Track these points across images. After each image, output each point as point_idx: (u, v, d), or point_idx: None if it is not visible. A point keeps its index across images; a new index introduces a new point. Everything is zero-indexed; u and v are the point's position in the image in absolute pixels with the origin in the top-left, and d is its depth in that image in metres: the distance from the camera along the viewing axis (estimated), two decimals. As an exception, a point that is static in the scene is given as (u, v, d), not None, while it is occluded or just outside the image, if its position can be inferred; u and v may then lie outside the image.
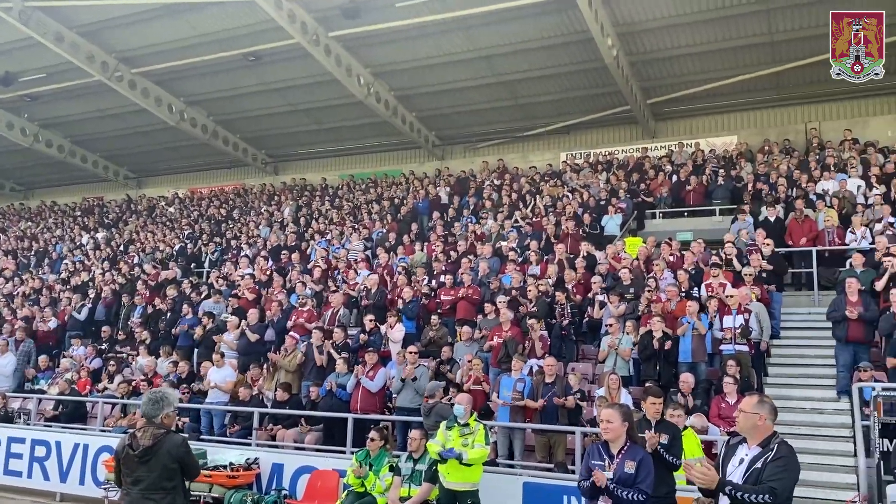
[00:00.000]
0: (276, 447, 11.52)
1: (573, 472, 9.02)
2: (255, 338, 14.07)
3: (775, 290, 13.00)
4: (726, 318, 11.24)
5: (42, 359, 16.40)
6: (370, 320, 13.37)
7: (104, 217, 29.48)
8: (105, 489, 10.93)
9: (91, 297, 18.79)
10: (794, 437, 9.79)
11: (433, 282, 15.21)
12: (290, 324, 14.12)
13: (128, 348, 16.43)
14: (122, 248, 24.21)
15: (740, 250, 13.84)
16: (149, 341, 15.68)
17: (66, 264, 23.06)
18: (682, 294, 12.38)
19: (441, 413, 9.43)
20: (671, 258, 14.21)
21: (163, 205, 29.49)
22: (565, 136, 24.71)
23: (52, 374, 15.82)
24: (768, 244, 13.67)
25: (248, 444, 11.53)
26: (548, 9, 18.74)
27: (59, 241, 26.65)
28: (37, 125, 28.92)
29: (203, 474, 10.14)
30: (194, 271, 21.04)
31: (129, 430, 6.07)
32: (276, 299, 15.32)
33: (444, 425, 8.48)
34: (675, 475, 6.65)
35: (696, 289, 12.84)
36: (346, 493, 9.01)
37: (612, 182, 19.87)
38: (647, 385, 9.38)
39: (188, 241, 23.17)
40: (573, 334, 12.77)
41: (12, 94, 25.70)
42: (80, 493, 11.89)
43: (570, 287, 13.47)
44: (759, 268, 12.88)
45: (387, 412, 11.74)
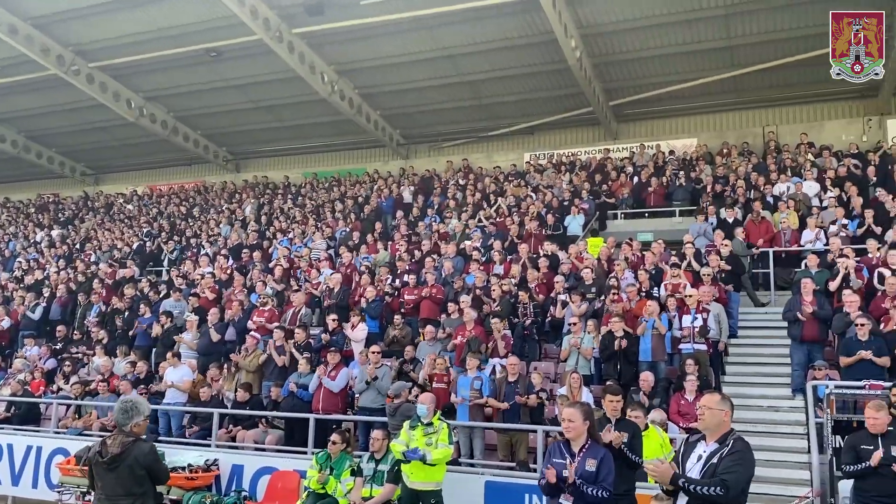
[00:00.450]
0: (236, 448, 11.38)
1: (535, 471, 9.07)
2: (215, 337, 13.89)
3: (733, 290, 13.24)
4: (685, 318, 11.41)
5: (-6, 359, 16.01)
6: (333, 320, 13.28)
7: (60, 214, 28.81)
8: (59, 493, 10.68)
9: (46, 295, 18.34)
10: (750, 434, 9.95)
11: (396, 281, 15.17)
12: (251, 323, 13.96)
13: (83, 348, 16.08)
14: (78, 246, 23.69)
15: (699, 251, 14.07)
16: (105, 341, 15.39)
17: (20, 262, 22.48)
18: (643, 294, 12.53)
19: (406, 413, 9.40)
20: (632, 258, 14.38)
21: (121, 202, 28.93)
22: (529, 137, 24.85)
23: (4, 375, 15.42)
24: (726, 245, 13.92)
25: (208, 446, 11.37)
26: (512, 9, 18.83)
27: (12, 239, 25.97)
28: (-11, 119, 28.18)
29: (161, 476, 9.98)
30: (153, 270, 20.69)
31: (102, 437, 6.23)
32: (236, 298, 15.13)
33: (407, 425, 8.47)
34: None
35: (656, 288, 13.01)
36: (306, 493, 8.93)
37: (575, 183, 20.04)
38: (607, 383, 9.47)
39: (147, 240, 22.77)
40: (536, 334, 12.84)
41: (-36, 88, 25.01)
42: (34, 497, 11.62)
43: (532, 287, 13.54)
44: (718, 268, 13.11)
45: (349, 412, 11.67)
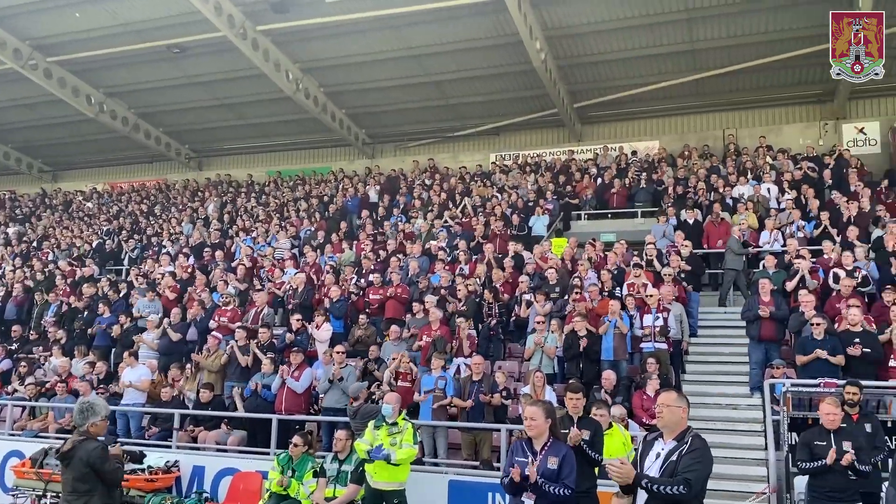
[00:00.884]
0: (197, 449, 11.25)
1: (499, 470, 9.12)
2: (176, 337, 13.72)
3: (693, 289, 13.46)
4: (646, 317, 11.57)
5: (-54, 360, 15.53)
6: (297, 320, 13.19)
7: (16, 211, 28.12)
8: (13, 496, 10.43)
9: (1, 294, 17.90)
10: (709, 432, 10.15)
11: (362, 281, 15.13)
12: (214, 323, 13.81)
13: (40, 348, 15.70)
14: (35, 244, 23.16)
15: (660, 251, 14.27)
16: (63, 341, 15.08)
17: (-26, 260, 21.91)
18: (605, 293, 12.68)
19: (368, 414, 9.38)
20: (595, 258, 14.53)
21: (80, 199, 28.36)
22: (495, 138, 24.96)
23: (-44, 377, 15.00)
24: (687, 246, 14.14)
25: (168, 447, 11.22)
26: (478, 10, 18.88)
27: (-35, 236, 25.29)
28: (-58, 113, 27.40)
29: (119, 478, 9.82)
30: (113, 269, 20.33)
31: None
32: (198, 298, 14.94)
33: (372, 424, 8.44)
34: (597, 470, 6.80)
35: (619, 288, 13.17)
36: (268, 495, 8.86)
37: (540, 183, 20.18)
38: (569, 382, 9.55)
39: (107, 238, 22.35)
40: (501, 333, 12.91)
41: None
42: (-13, 501, 11.32)
43: (498, 286, 13.61)
44: (678, 268, 13.32)
45: (313, 412, 11.61)
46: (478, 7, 18.66)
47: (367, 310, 13.95)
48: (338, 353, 11.43)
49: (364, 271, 15.49)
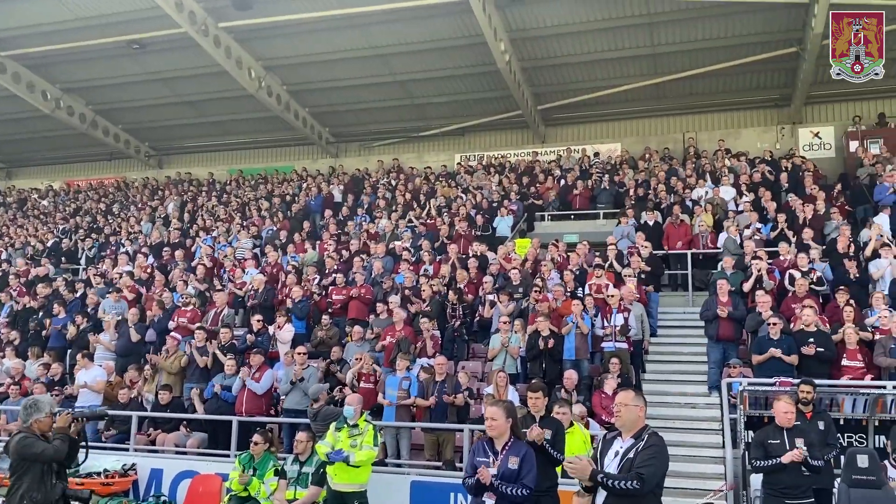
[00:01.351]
0: (155, 452, 11.06)
1: (461, 470, 9.13)
2: (135, 338, 13.48)
3: (653, 290, 13.64)
4: (608, 317, 11.68)
5: None
6: (258, 320, 13.05)
7: (-33, 209, 27.38)
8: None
9: (-49, 294, 17.39)
10: (669, 430, 10.31)
11: (324, 281, 15.03)
12: (173, 324, 13.59)
13: (-8, 350, 15.30)
14: (-13, 243, 22.57)
15: (621, 252, 14.44)
16: (17, 342, 14.69)
17: (-77, 259, 21.26)
18: (568, 294, 12.78)
19: (329, 416, 9.33)
20: (558, 259, 14.65)
21: (35, 197, 27.70)
22: (460, 138, 25.00)
23: None
24: (647, 247, 14.33)
25: (126, 450, 11.02)
26: (443, 11, 18.90)
27: (-86, 235, 24.51)
28: None
29: (74, 482, 9.62)
30: (69, 268, 19.90)
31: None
32: (157, 298, 14.69)
33: (333, 426, 8.41)
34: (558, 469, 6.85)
35: (581, 289, 13.29)
36: (228, 497, 8.76)
37: (504, 184, 20.28)
38: (532, 381, 9.61)
39: (63, 237, 21.87)
40: (465, 334, 12.93)
41: None
42: (-66, 507, 10.98)
43: (461, 287, 13.63)
44: (639, 269, 13.49)
45: (274, 414, 11.49)
46: (443, 7, 18.67)
47: (330, 310, 13.86)
48: (299, 354, 11.33)
49: (327, 271, 15.39)
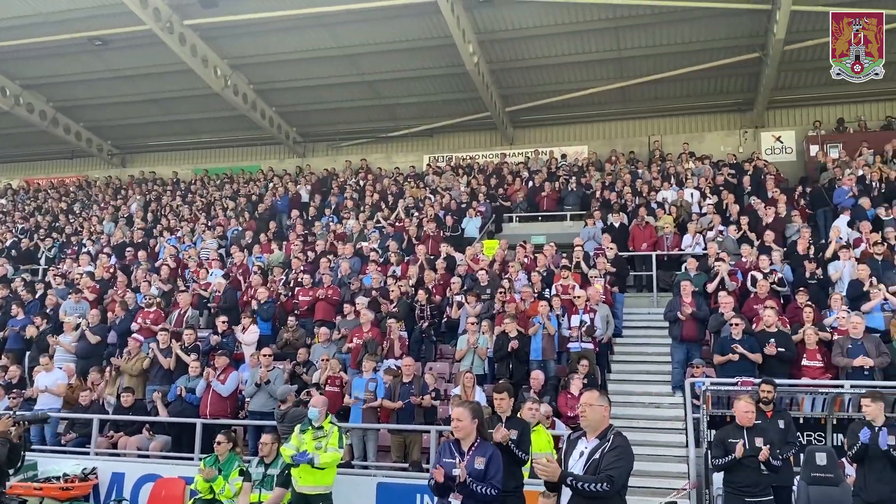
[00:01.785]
0: (117, 455, 10.87)
1: (428, 471, 9.13)
2: (95, 339, 13.23)
3: (618, 291, 13.78)
4: (574, 318, 11.78)
5: None
6: (223, 322, 12.91)
7: (-78, 207, 26.62)
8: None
9: None
10: (633, 430, 10.42)
11: (291, 282, 14.92)
12: (136, 325, 13.39)
13: (-52, 352, 14.91)
14: (-58, 243, 21.96)
15: (588, 253, 14.57)
16: (-28, 344, 14.34)
17: None
18: (535, 295, 12.85)
19: (296, 418, 9.26)
20: (525, 260, 14.72)
21: (-7, 196, 27.07)
22: (429, 139, 25.01)
23: None
24: (612, 248, 14.48)
25: (86, 453, 10.82)
26: (411, 12, 18.88)
27: None
28: None
29: (33, 487, 9.45)
30: (28, 269, 19.46)
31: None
32: (119, 299, 14.45)
33: (298, 428, 8.35)
34: (524, 469, 6.89)
35: (548, 290, 13.37)
36: (192, 500, 8.65)
37: (473, 186, 20.33)
38: (499, 382, 9.64)
39: (22, 236, 21.39)
40: (433, 335, 12.93)
41: None
42: None
43: (430, 287, 13.63)
44: (604, 270, 13.62)
45: (240, 417, 11.37)
46: (411, 8, 18.65)
47: (297, 311, 13.77)
48: (265, 355, 11.22)
49: (293, 272, 15.27)
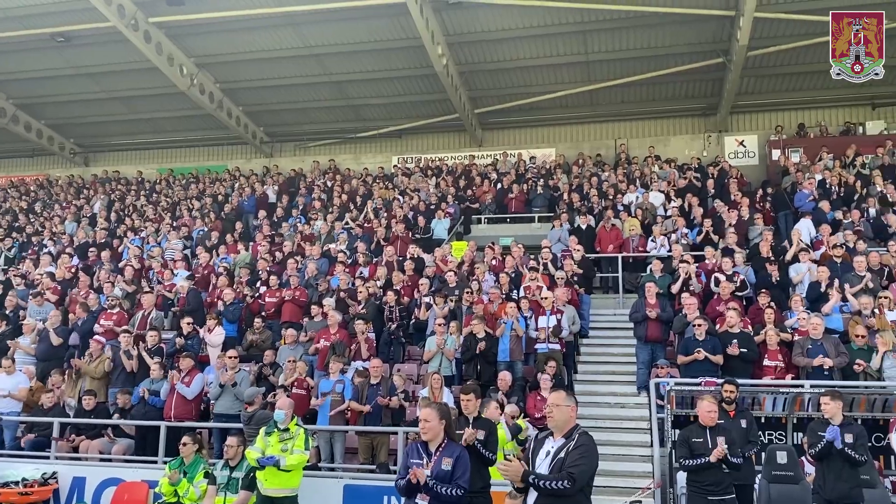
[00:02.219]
0: (78, 459, 10.67)
1: (395, 473, 9.11)
2: (56, 341, 12.97)
3: (584, 292, 13.90)
4: (541, 319, 11.85)
5: None
6: (188, 323, 12.73)
7: None
8: None
9: None
10: (599, 430, 10.52)
11: (257, 283, 14.79)
12: (98, 327, 13.16)
13: None
14: None
15: (555, 255, 14.67)
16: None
17: None
18: (503, 296, 12.90)
19: (262, 420, 9.19)
20: (493, 262, 14.78)
21: (-51, 195, 26.37)
22: (398, 140, 24.99)
23: None
24: (579, 250, 14.60)
25: (47, 457, 10.60)
26: (380, 12, 18.85)
27: None
28: None
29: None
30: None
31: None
32: (81, 300, 14.19)
33: (263, 431, 8.29)
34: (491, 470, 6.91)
35: (516, 291, 13.44)
36: (157, 504, 8.54)
37: (442, 187, 20.36)
38: (467, 383, 9.66)
39: (-20, 236, 20.91)
40: (402, 336, 12.91)
41: None
42: None
43: (398, 289, 13.61)
44: (571, 272, 13.73)
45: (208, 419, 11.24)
46: (380, 9, 18.62)
47: (263, 313, 13.65)
48: (231, 357, 11.11)
49: (260, 273, 15.14)
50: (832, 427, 7.35)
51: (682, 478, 8.31)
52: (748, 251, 14.25)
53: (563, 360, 11.72)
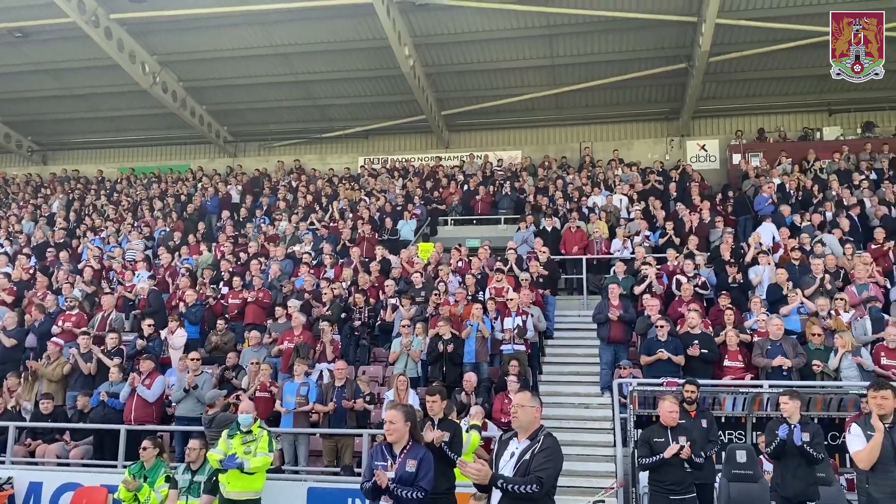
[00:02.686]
0: (34, 464, 10.44)
1: (360, 475, 9.08)
2: (10, 343, 12.68)
3: (550, 293, 14.00)
4: (507, 320, 11.90)
5: None
6: (149, 325, 12.53)
7: None
8: None
9: None
10: (563, 430, 10.60)
11: (220, 284, 14.61)
12: (56, 328, 12.89)
13: None
14: None
15: (521, 257, 14.76)
16: None
17: None
18: (469, 297, 12.94)
19: (223, 423, 9.08)
20: (459, 263, 14.81)
21: None
22: (364, 141, 24.89)
23: None
24: (545, 252, 14.71)
25: (2, 462, 10.35)
26: (346, 13, 18.76)
27: None
28: None
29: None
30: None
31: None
32: (38, 301, 13.88)
33: (226, 433, 8.20)
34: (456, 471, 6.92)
35: (482, 292, 13.48)
36: (115, 509, 8.37)
37: (408, 188, 20.35)
38: (433, 384, 9.66)
39: (-69, 235, 20.31)
40: (367, 337, 12.86)
41: None
42: None
43: (364, 290, 13.56)
44: (537, 273, 13.82)
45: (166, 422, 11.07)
46: (346, 9, 18.54)
47: (226, 315, 13.50)
48: (192, 359, 10.97)
49: (223, 274, 14.97)
50: (783, 426, 7.51)
51: (644, 477, 8.42)
52: (709, 253, 14.49)
53: (528, 360, 11.78)
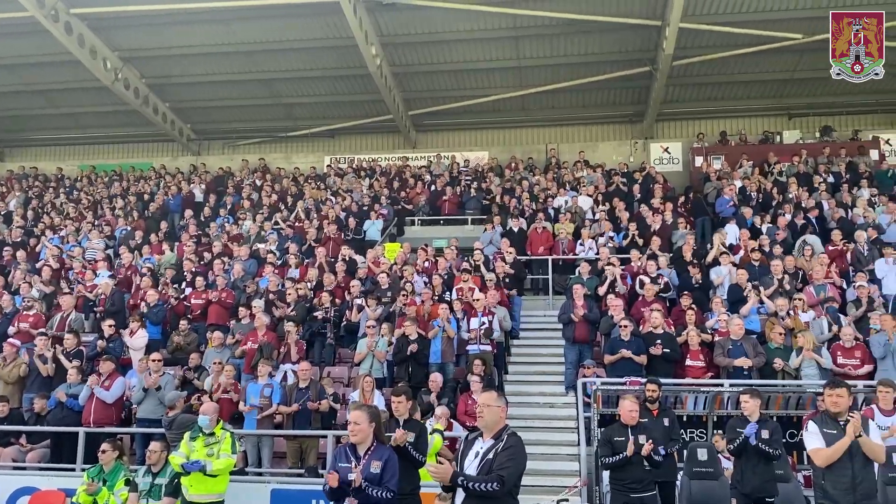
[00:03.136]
0: (-11, 469, 10.18)
1: (324, 477, 9.02)
2: (-35, 345, 12.34)
3: (516, 293, 14.07)
4: (473, 320, 11.93)
5: None
6: (109, 325, 12.31)
7: None
8: None
9: None
10: (528, 430, 10.66)
11: (183, 284, 14.41)
12: (13, 329, 12.59)
13: None
14: None
15: (487, 257, 14.80)
16: None
17: None
18: (435, 298, 12.94)
19: (184, 424, 8.95)
20: (426, 264, 14.81)
21: None
22: (330, 140, 24.76)
23: None
24: (511, 252, 14.78)
25: (-47, 468, 10.08)
26: (312, 11, 18.62)
27: None
28: None
29: None
30: None
31: None
32: (-6, 301, 13.57)
33: (188, 436, 8.10)
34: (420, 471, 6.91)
35: (448, 293, 13.49)
36: (73, 513, 8.21)
37: (375, 188, 20.28)
38: (399, 385, 9.64)
39: None
40: (332, 338, 12.78)
41: None
42: None
43: (331, 290, 13.48)
44: (503, 273, 13.87)
45: (126, 424, 10.88)
46: (312, 7, 18.40)
47: (189, 315, 13.32)
48: (154, 361, 10.80)
49: (185, 274, 14.76)
50: (752, 424, 7.65)
51: (607, 476, 8.50)
52: (671, 254, 14.69)
53: (494, 360, 11.82)
